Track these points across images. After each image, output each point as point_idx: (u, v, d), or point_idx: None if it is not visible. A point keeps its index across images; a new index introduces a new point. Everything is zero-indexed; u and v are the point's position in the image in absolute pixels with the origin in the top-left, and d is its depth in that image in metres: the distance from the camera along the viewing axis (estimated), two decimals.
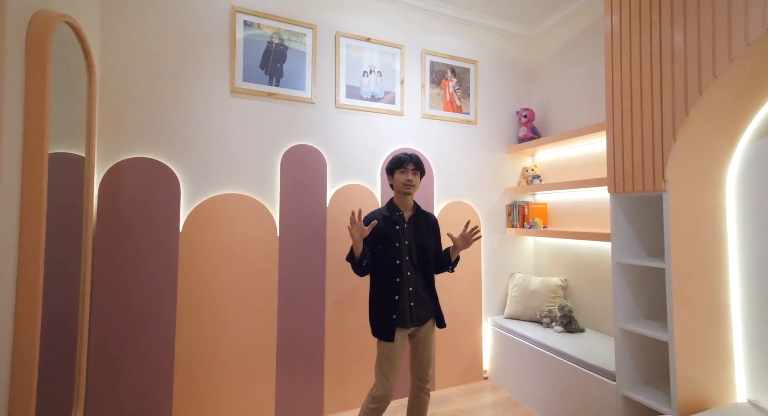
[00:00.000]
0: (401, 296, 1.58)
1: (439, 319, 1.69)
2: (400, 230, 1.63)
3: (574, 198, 2.47)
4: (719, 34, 1.28)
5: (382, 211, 1.68)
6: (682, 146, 1.44)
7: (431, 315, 1.66)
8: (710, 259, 1.55)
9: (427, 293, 1.65)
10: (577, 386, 1.87)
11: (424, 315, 1.63)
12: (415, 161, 1.64)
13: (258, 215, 1.98)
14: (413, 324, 1.59)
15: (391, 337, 1.55)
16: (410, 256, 1.62)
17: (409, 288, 1.59)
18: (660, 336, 1.48)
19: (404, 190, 1.63)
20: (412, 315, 1.58)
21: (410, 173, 1.62)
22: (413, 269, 1.62)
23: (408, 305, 1.58)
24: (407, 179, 1.62)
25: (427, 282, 1.66)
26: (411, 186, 1.62)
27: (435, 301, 1.68)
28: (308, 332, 2.05)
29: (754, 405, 1.42)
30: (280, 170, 2.05)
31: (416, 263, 1.63)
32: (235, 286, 1.91)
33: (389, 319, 1.56)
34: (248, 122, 2.00)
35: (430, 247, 1.68)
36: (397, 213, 1.66)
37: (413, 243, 1.64)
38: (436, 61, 2.49)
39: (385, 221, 1.63)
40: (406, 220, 1.66)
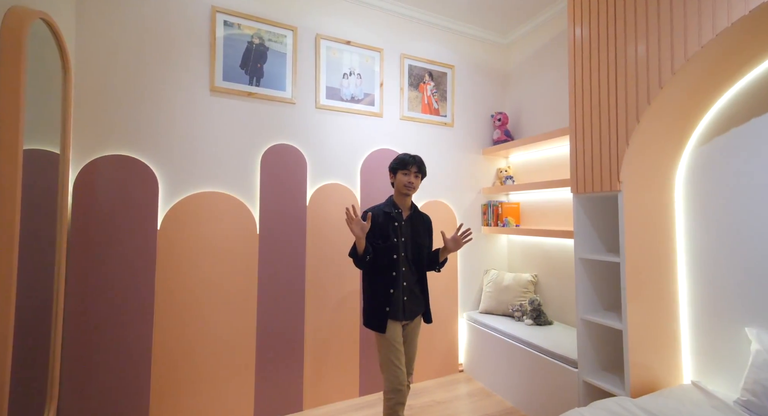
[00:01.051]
0: (396, 290, 1.63)
1: (427, 314, 1.76)
2: (398, 227, 1.68)
3: (543, 198, 2.61)
4: (664, 49, 1.42)
5: (382, 207, 1.73)
6: (635, 150, 1.57)
7: (421, 310, 1.73)
8: (660, 254, 1.69)
9: (418, 289, 1.72)
10: (544, 374, 1.99)
11: (416, 309, 1.70)
12: (419, 164, 1.70)
13: (238, 213, 2.01)
14: (405, 318, 1.65)
15: (383, 328, 1.61)
16: (405, 252, 1.68)
17: (403, 283, 1.66)
18: (615, 325, 1.60)
19: (404, 191, 1.69)
20: (404, 308, 1.64)
21: (412, 176, 1.68)
22: (408, 265, 1.68)
23: (401, 298, 1.64)
24: (409, 181, 1.67)
25: (419, 278, 1.73)
26: (411, 188, 1.69)
27: (425, 297, 1.75)
28: (288, 327, 2.09)
29: (696, 386, 1.57)
30: (260, 168, 2.08)
31: (411, 260, 1.70)
32: (215, 283, 1.93)
33: (382, 311, 1.62)
34: (228, 120, 2.02)
35: (424, 245, 1.75)
36: (396, 211, 1.71)
37: (409, 240, 1.70)
38: (414, 65, 2.58)
39: (384, 217, 1.69)
40: (404, 218, 1.72)
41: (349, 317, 2.26)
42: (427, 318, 1.77)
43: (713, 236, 1.63)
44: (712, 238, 1.63)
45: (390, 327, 1.62)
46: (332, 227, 2.24)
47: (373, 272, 1.67)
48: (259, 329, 2.02)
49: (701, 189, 1.68)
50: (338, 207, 2.27)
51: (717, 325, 1.61)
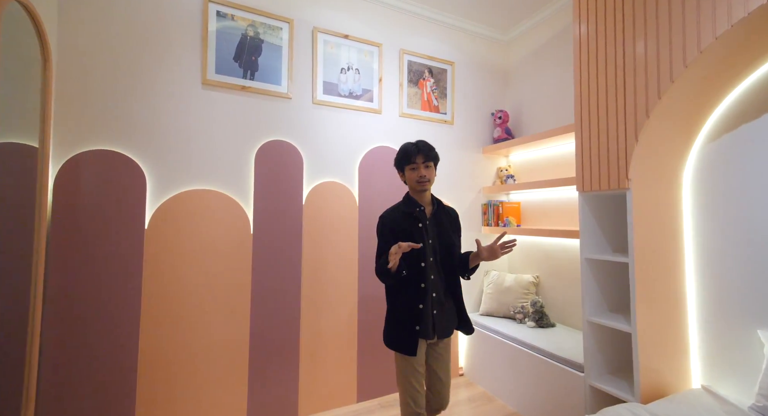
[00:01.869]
0: (425, 305, 1.39)
1: (464, 325, 1.49)
2: (423, 228, 1.43)
3: (545, 197, 2.56)
4: (675, 43, 1.37)
5: (400, 207, 1.48)
6: (644, 147, 1.52)
7: (453, 325, 1.48)
8: (668, 254, 1.64)
9: (450, 299, 1.47)
10: (548, 378, 1.93)
11: (447, 324, 1.45)
12: (425, 151, 1.42)
13: (230, 211, 1.92)
14: (436, 335, 1.42)
15: (414, 351, 1.38)
16: (434, 256, 1.43)
17: (432, 294, 1.41)
18: (624, 327, 1.55)
19: (419, 187, 1.44)
20: (435, 324, 1.41)
21: (422, 168, 1.42)
22: (437, 272, 1.44)
23: (431, 313, 1.40)
24: (419, 175, 1.41)
25: (448, 285, 1.47)
26: (425, 182, 1.42)
27: (459, 305, 1.49)
28: (282, 331, 2.01)
29: (707, 390, 1.52)
30: (255, 165, 1.99)
31: (440, 264, 1.45)
32: (206, 285, 1.84)
33: (412, 331, 1.38)
34: (221, 115, 1.93)
35: (453, 243, 1.49)
36: (418, 209, 1.45)
37: (437, 242, 1.45)
38: (414, 60, 2.51)
39: (405, 218, 1.44)
40: (428, 216, 1.47)
41: (346, 320, 2.18)
42: (467, 329, 1.50)
43: (722, 235, 1.58)
44: (720, 237, 1.59)
45: (418, 349, 1.41)
46: (329, 227, 2.16)
47: (398, 284, 1.42)
48: (252, 332, 1.93)
49: (710, 187, 1.63)
50: (336, 206, 2.19)
51: (727, 327, 1.56)
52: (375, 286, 2.27)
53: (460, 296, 1.50)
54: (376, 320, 2.26)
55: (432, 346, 1.47)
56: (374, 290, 2.27)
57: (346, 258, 2.20)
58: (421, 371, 1.43)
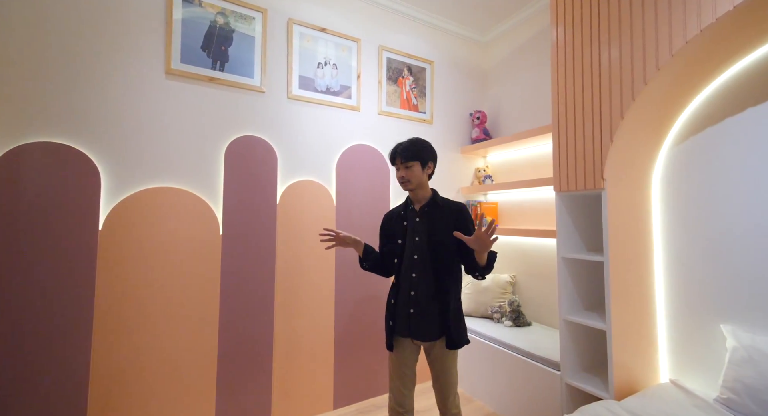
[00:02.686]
0: (397, 301, 1.42)
1: (449, 337, 1.35)
2: (408, 226, 1.45)
3: (522, 198, 2.59)
4: (649, 46, 1.40)
5: (398, 207, 1.54)
6: (618, 148, 1.55)
7: (435, 330, 1.37)
8: (640, 252, 1.69)
9: (435, 303, 1.37)
10: (525, 377, 1.94)
11: (425, 328, 1.37)
12: (402, 154, 1.40)
13: (198, 211, 1.79)
14: (412, 336, 1.39)
15: (389, 346, 1.42)
16: (419, 254, 1.39)
17: (410, 292, 1.39)
18: (599, 325, 1.57)
19: (403, 188, 1.45)
20: (410, 324, 1.38)
21: (402, 169, 1.42)
22: (421, 271, 1.39)
23: (407, 312, 1.39)
24: (399, 176, 1.43)
25: (439, 288, 1.37)
26: (406, 182, 1.41)
27: (445, 313, 1.37)
28: (254, 337, 1.90)
29: (675, 384, 1.57)
30: (224, 162, 1.87)
31: (428, 264, 1.38)
32: (168, 290, 1.70)
33: (387, 326, 1.43)
34: (187, 107, 1.80)
35: (444, 243, 1.38)
36: (409, 208, 1.48)
37: (425, 239, 1.40)
38: (393, 58, 2.47)
39: (396, 218, 1.50)
40: (417, 213, 1.45)
41: (323, 324, 2.10)
42: (450, 343, 1.35)
43: (688, 234, 1.64)
44: (687, 236, 1.65)
45: (398, 346, 1.42)
46: (305, 228, 2.08)
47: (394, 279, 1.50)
48: (221, 339, 1.81)
49: (677, 188, 1.69)
50: (312, 206, 2.11)
51: (692, 322, 1.62)
52: (353, 289, 2.21)
53: (446, 301, 1.37)
54: (354, 323, 2.20)
55: (427, 350, 1.43)
56: (352, 293, 2.20)
57: (322, 260, 2.12)
58: (407, 372, 1.42)
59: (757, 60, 1.45)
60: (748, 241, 1.47)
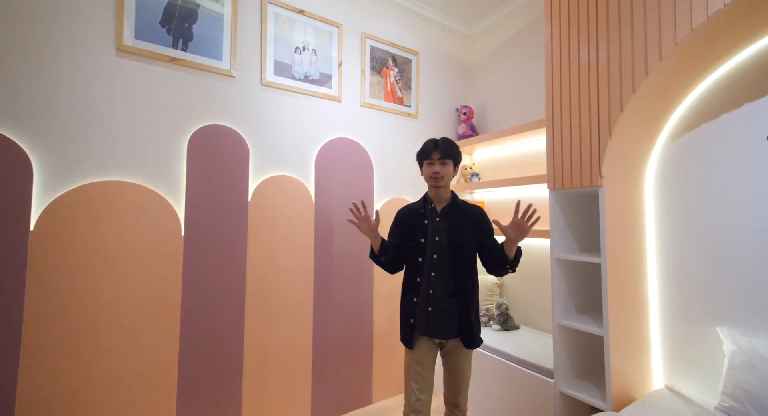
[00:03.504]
0: (419, 299, 1.41)
1: (466, 337, 1.38)
2: (428, 225, 1.44)
3: (508, 196, 2.50)
4: (651, 34, 1.32)
5: (416, 204, 1.52)
6: (616, 143, 1.47)
7: (453, 328, 1.39)
8: (634, 253, 1.62)
9: (453, 301, 1.39)
10: (516, 385, 1.84)
11: (444, 326, 1.38)
12: (443, 148, 1.42)
13: (155, 209, 1.57)
14: (430, 334, 1.40)
15: (410, 344, 1.42)
16: (439, 254, 1.41)
17: (429, 290, 1.40)
18: (596, 331, 1.49)
19: (432, 183, 1.44)
20: (428, 322, 1.39)
21: (437, 164, 1.42)
22: (440, 270, 1.40)
23: (425, 309, 1.39)
24: (433, 171, 1.42)
25: (456, 287, 1.39)
26: (438, 178, 1.42)
27: (465, 312, 1.38)
28: (222, 350, 1.69)
29: (671, 390, 1.51)
30: (188, 153, 1.66)
31: (447, 264, 1.40)
32: (118, 301, 1.48)
33: (407, 323, 1.43)
34: (142, 90, 1.57)
35: (464, 244, 1.40)
36: (429, 206, 1.47)
37: (445, 240, 1.41)
38: (377, 46, 2.32)
39: (414, 214, 1.49)
40: (438, 213, 1.45)
41: (299, 334, 1.92)
42: (467, 342, 1.39)
43: (683, 233, 1.59)
44: (682, 235, 1.59)
45: (418, 344, 1.42)
46: (280, 228, 1.89)
47: (404, 277, 1.49)
48: (183, 354, 1.60)
49: (671, 186, 1.63)
50: (288, 204, 1.92)
51: (687, 325, 1.57)
52: (334, 294, 2.04)
53: (466, 301, 1.40)
54: (335, 331, 2.03)
55: (444, 347, 1.45)
56: (333, 298, 2.03)
57: (299, 264, 1.94)
58: (421, 371, 1.40)
59: (755, 54, 1.40)
60: (745, 241, 1.42)
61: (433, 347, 1.44)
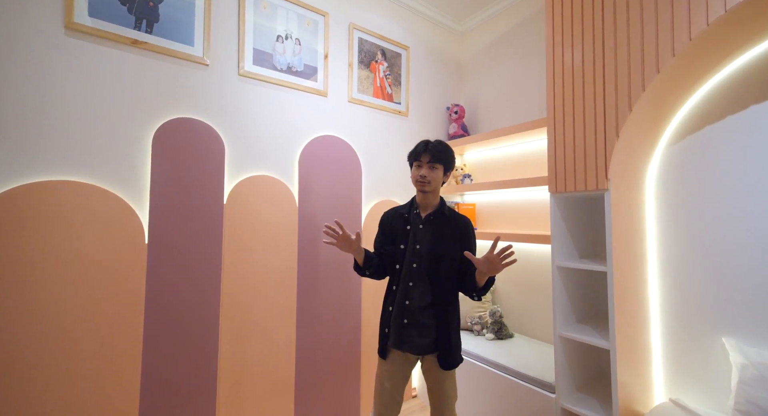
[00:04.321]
0: (394, 309, 1.34)
1: (443, 355, 1.29)
2: (411, 231, 1.37)
3: (501, 199, 2.41)
4: (664, 29, 1.24)
5: (402, 207, 1.45)
6: (624, 144, 1.39)
7: (429, 344, 1.30)
8: (638, 260, 1.55)
9: (429, 314, 1.30)
10: (513, 400, 1.74)
11: (418, 340, 1.30)
12: (433, 152, 1.33)
13: (113, 213, 1.37)
14: (403, 348, 1.32)
15: (382, 353, 1.36)
16: (418, 263, 1.33)
17: (405, 301, 1.32)
18: (602, 343, 1.40)
19: (418, 187, 1.36)
20: (402, 335, 1.31)
21: (425, 168, 1.33)
22: (419, 280, 1.32)
23: (400, 321, 1.32)
24: (420, 174, 1.34)
25: (434, 299, 1.31)
26: (425, 183, 1.33)
27: (442, 327, 1.29)
28: (191, 372, 1.50)
29: (676, 404, 1.44)
30: (153, 150, 1.46)
31: (426, 274, 1.32)
32: (67, 317, 1.27)
33: (383, 332, 1.37)
34: (98, 77, 1.37)
35: (446, 255, 1.32)
36: (414, 211, 1.40)
37: (426, 249, 1.33)
38: (365, 39, 2.17)
39: (398, 219, 1.41)
40: (423, 219, 1.37)
41: (281, 346, 1.75)
42: (443, 361, 1.29)
43: (686, 239, 1.53)
44: (684, 241, 1.53)
45: (391, 357, 1.35)
46: (261, 232, 1.71)
47: (387, 283, 1.42)
48: (146, 376, 1.40)
49: (673, 190, 1.57)
50: (269, 207, 1.74)
51: (690, 336, 1.51)
52: (319, 306, 1.88)
53: (445, 316, 1.31)
54: (320, 345, 1.87)
55: (423, 363, 1.37)
56: (318, 310, 1.87)
57: (281, 272, 1.77)
58: (389, 388, 1.33)
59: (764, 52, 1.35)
60: (750, 247, 1.37)
61: (407, 362, 1.37)
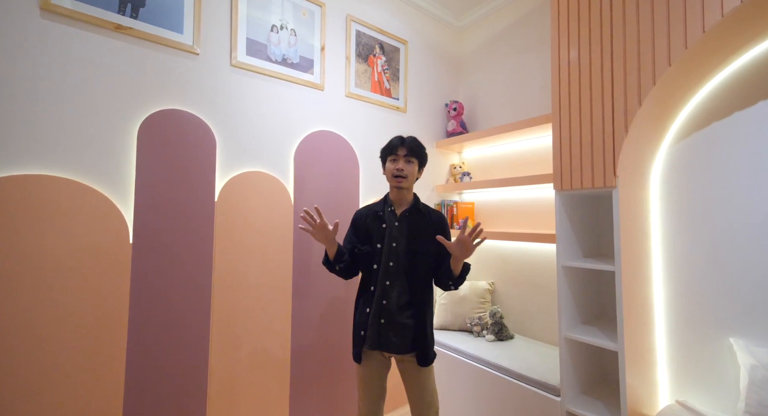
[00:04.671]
0: (372, 310, 1.32)
1: (420, 353, 1.30)
2: (387, 229, 1.35)
3: (500, 197, 2.37)
4: (676, 21, 1.20)
5: (375, 205, 1.43)
6: (632, 140, 1.35)
7: (408, 343, 1.31)
8: (644, 260, 1.52)
9: (407, 313, 1.31)
10: (515, 403, 1.69)
11: (397, 339, 1.30)
12: (409, 146, 1.34)
13: (95, 210, 1.27)
14: (381, 348, 1.31)
15: (356, 357, 1.34)
16: (395, 261, 1.33)
17: (382, 301, 1.31)
18: (610, 345, 1.36)
19: (394, 182, 1.35)
20: (380, 335, 1.30)
21: (401, 161, 1.34)
22: (396, 279, 1.32)
23: (377, 321, 1.31)
24: (396, 168, 1.33)
25: (412, 298, 1.32)
26: (401, 178, 1.33)
27: (420, 326, 1.31)
28: (180, 377, 1.41)
29: (683, 405, 1.41)
30: (138, 144, 1.37)
31: (403, 272, 1.33)
32: (43, 323, 1.17)
33: (358, 336, 1.34)
34: (79, 63, 1.27)
35: (423, 252, 1.33)
36: (389, 209, 1.39)
37: (403, 246, 1.33)
38: (363, 31, 2.10)
39: (373, 217, 1.39)
40: (397, 217, 1.37)
41: (275, 353, 1.67)
42: (421, 359, 1.30)
43: (691, 237, 1.50)
44: (689, 240, 1.50)
45: (367, 358, 1.34)
46: (254, 232, 1.63)
47: (359, 285, 1.40)
48: (129, 382, 1.31)
49: (679, 188, 1.54)
50: (263, 204, 1.66)
51: (696, 336, 1.48)
52: (316, 307, 1.80)
53: (423, 313, 1.33)
54: (317, 350, 1.79)
55: (399, 363, 1.36)
56: (315, 312, 1.80)
57: (275, 273, 1.69)
58: (371, 386, 1.33)
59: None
60: (757, 245, 1.34)
61: (385, 362, 1.37)
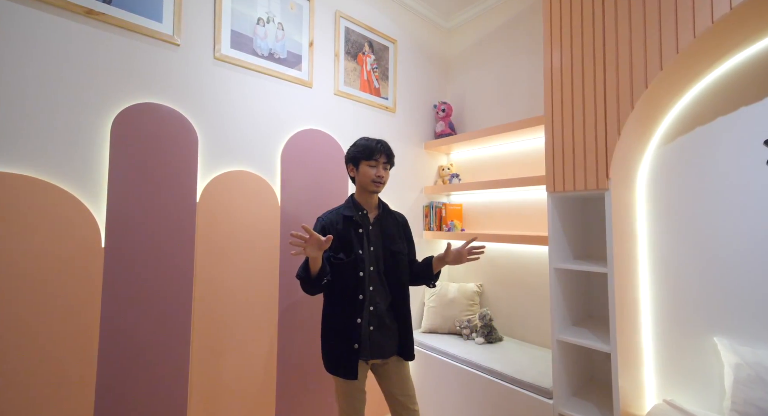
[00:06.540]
0: (363, 319, 1.28)
1: (405, 349, 1.35)
2: (363, 234, 1.34)
3: (488, 199, 2.37)
4: (667, 25, 1.22)
5: (341, 211, 1.37)
6: (624, 143, 1.36)
7: (393, 345, 1.35)
8: (633, 261, 1.54)
9: (391, 315, 1.34)
10: (507, 407, 1.68)
11: (385, 344, 1.32)
12: (388, 153, 1.36)
13: (62, 212, 1.16)
14: (372, 356, 1.31)
15: (354, 374, 1.26)
16: (376, 265, 1.33)
17: (370, 307, 1.30)
18: (602, 347, 1.36)
19: (372, 188, 1.35)
20: (371, 342, 1.30)
21: (381, 167, 1.35)
22: (378, 283, 1.33)
23: (367, 330, 1.29)
24: (378, 174, 1.33)
25: (394, 300, 1.35)
26: (381, 184, 1.35)
27: (403, 325, 1.37)
28: (156, 393, 1.31)
29: (671, 405, 1.43)
30: (111, 140, 1.26)
31: (383, 275, 1.35)
32: (8, 335, 1.05)
33: (350, 349, 1.26)
34: (42, 51, 1.16)
35: (400, 252, 1.38)
36: (360, 213, 1.36)
37: (380, 249, 1.35)
38: (352, 28, 2.05)
39: (345, 222, 1.34)
40: (371, 221, 1.37)
41: (261, 363, 1.59)
42: (407, 354, 1.36)
43: (677, 239, 1.53)
44: (675, 242, 1.54)
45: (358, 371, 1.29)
46: (238, 233, 1.54)
47: (333, 296, 1.32)
48: (100, 401, 1.20)
49: (664, 191, 1.57)
50: (248, 205, 1.58)
51: (682, 336, 1.51)
52: (304, 315, 1.73)
53: (406, 314, 1.38)
54: (305, 360, 1.72)
55: (378, 367, 1.37)
56: (303, 319, 1.72)
57: (261, 277, 1.61)
58: (357, 397, 1.30)
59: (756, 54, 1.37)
60: (740, 247, 1.38)
61: (366, 369, 1.35)
